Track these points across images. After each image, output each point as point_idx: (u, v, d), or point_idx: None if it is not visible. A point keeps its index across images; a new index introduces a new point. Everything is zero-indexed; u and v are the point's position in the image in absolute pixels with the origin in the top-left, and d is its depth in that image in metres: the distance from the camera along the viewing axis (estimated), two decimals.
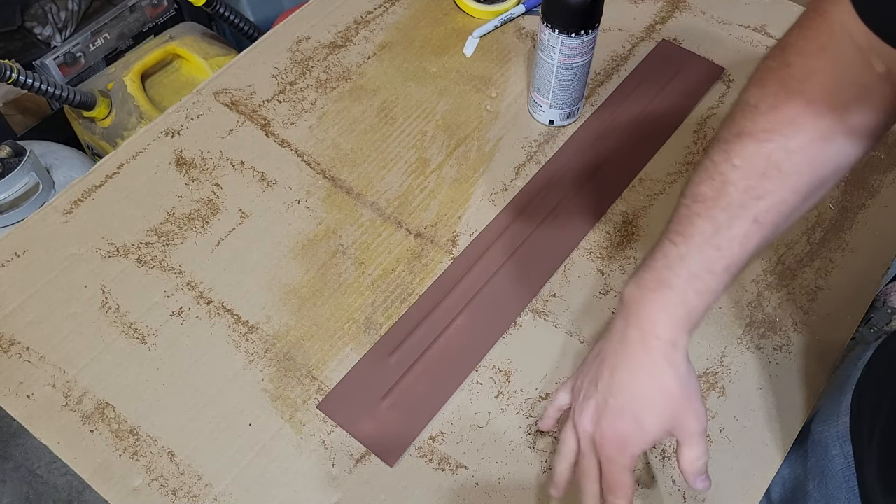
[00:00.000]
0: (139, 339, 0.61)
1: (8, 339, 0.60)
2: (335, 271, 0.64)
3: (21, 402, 0.58)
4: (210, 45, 1.24)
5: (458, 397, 0.59)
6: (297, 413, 0.57)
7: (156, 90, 1.22)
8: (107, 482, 0.54)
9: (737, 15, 0.83)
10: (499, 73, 0.78)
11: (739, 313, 0.63)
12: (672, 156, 0.72)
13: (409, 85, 0.77)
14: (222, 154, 0.71)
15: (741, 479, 0.55)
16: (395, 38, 0.81)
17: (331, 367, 0.60)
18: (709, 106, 0.76)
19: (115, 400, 0.58)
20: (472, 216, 0.68)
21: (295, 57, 0.79)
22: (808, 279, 0.65)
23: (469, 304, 0.63)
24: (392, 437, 0.56)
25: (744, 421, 0.58)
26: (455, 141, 0.73)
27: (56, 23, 1.22)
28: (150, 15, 1.30)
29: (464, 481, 0.55)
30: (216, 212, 0.68)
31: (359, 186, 0.70)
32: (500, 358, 0.60)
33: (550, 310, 0.63)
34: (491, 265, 0.65)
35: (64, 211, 0.67)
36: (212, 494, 0.54)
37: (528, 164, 0.71)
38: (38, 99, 1.23)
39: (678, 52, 0.79)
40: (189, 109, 0.74)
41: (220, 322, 0.62)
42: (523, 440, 0.57)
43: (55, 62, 1.20)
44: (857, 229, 0.67)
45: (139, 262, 0.65)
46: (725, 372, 0.60)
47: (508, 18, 0.82)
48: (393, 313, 0.62)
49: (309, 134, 0.73)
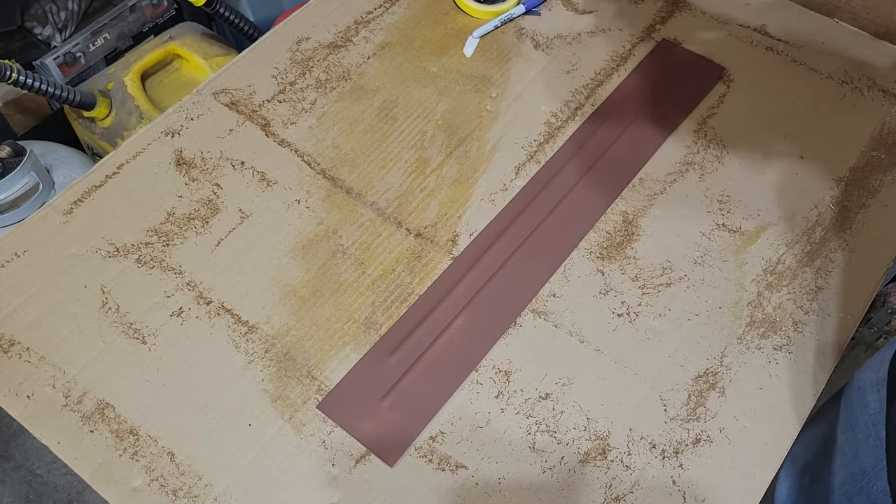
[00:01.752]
0: (139, 339, 0.61)
1: (8, 339, 0.61)
2: (335, 271, 0.64)
3: (21, 403, 0.58)
4: (210, 45, 1.24)
5: (458, 397, 0.59)
6: (297, 413, 0.57)
7: (156, 90, 1.21)
8: (107, 482, 0.54)
9: (737, 15, 0.83)
10: (499, 73, 0.78)
11: (739, 313, 0.63)
12: (672, 156, 0.72)
13: (409, 85, 0.77)
14: (222, 154, 0.71)
15: (741, 479, 0.55)
16: (395, 38, 0.81)
17: (331, 367, 0.60)
18: (709, 106, 0.76)
19: (115, 400, 0.58)
20: (472, 216, 0.68)
21: (295, 57, 0.79)
22: (808, 279, 0.65)
23: (469, 304, 0.63)
24: (392, 437, 0.56)
25: (744, 421, 0.58)
26: (455, 141, 0.73)
27: (56, 23, 1.22)
28: (150, 15, 1.30)
29: (464, 481, 0.55)
30: (216, 212, 0.68)
31: (359, 186, 0.70)
32: (500, 358, 0.60)
33: (550, 310, 0.63)
34: (491, 265, 0.65)
35: (64, 211, 0.67)
36: (212, 494, 0.54)
37: (528, 164, 0.71)
38: (38, 99, 1.23)
39: (678, 52, 0.79)
40: (189, 109, 0.74)
41: (220, 322, 0.62)
42: (523, 440, 0.57)
43: (55, 62, 1.20)
44: (857, 229, 0.67)
45: (139, 262, 0.65)
46: (725, 372, 0.60)
47: (508, 18, 0.82)
48: (393, 313, 0.62)
49: (309, 134, 0.73)
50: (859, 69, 0.78)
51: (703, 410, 0.58)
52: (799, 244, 0.67)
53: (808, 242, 0.67)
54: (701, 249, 0.66)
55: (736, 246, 0.66)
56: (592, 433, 0.57)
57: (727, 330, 0.62)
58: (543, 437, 0.57)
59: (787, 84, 0.77)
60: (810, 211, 0.69)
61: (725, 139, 0.73)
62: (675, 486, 0.55)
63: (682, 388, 0.59)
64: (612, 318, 0.62)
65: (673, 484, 0.55)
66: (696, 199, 0.69)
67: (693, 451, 0.56)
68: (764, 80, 0.77)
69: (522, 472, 0.55)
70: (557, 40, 0.81)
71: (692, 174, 0.71)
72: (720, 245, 0.66)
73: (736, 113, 0.75)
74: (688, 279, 0.64)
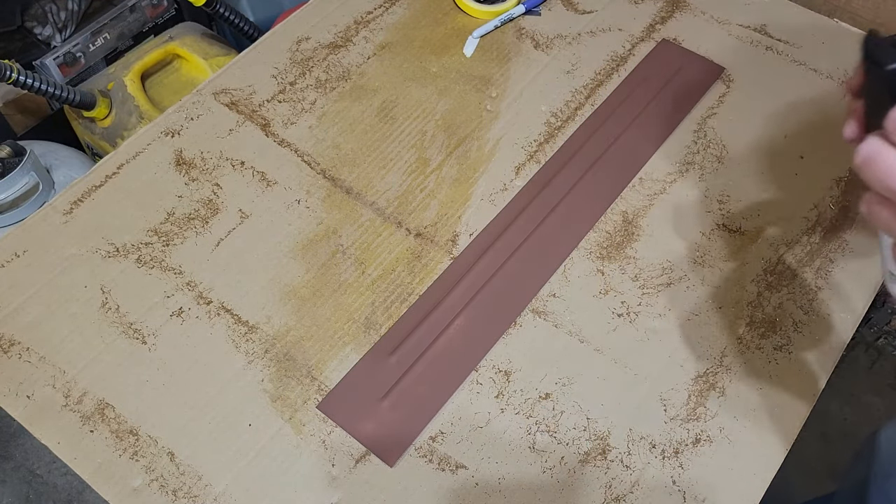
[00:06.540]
0: (139, 339, 0.61)
1: (8, 339, 0.61)
2: (335, 271, 0.64)
3: (21, 403, 0.58)
4: (210, 45, 1.24)
5: (458, 397, 0.59)
6: (297, 413, 0.57)
7: (156, 90, 1.21)
8: (107, 482, 0.54)
9: (737, 15, 0.83)
10: (499, 73, 0.78)
11: (739, 313, 0.63)
12: (672, 156, 0.72)
13: (409, 85, 0.77)
14: (222, 154, 0.71)
15: (741, 479, 0.55)
16: (395, 38, 0.81)
17: (331, 367, 0.60)
18: (709, 106, 0.76)
19: (115, 400, 0.58)
20: (472, 216, 0.68)
21: (295, 57, 0.79)
22: (808, 279, 0.65)
23: (469, 304, 0.63)
24: (392, 438, 0.56)
25: (744, 421, 0.58)
26: (455, 141, 0.73)
27: (56, 23, 1.22)
28: (150, 15, 1.30)
29: (464, 481, 0.55)
30: (216, 212, 0.68)
31: (359, 186, 0.70)
32: (500, 358, 0.60)
33: (550, 310, 0.63)
34: (491, 265, 0.65)
35: (64, 211, 0.67)
36: (212, 494, 0.54)
37: (528, 164, 0.71)
38: (38, 99, 1.23)
39: (678, 52, 0.79)
40: (189, 109, 0.74)
41: (220, 322, 0.62)
42: (523, 440, 0.57)
43: (55, 62, 1.20)
44: (858, 229, 0.67)
45: (139, 262, 0.65)
46: (725, 372, 0.60)
47: (508, 18, 0.82)
48: (393, 313, 0.62)
49: (309, 134, 0.73)
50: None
51: (703, 410, 0.58)
52: (799, 244, 0.67)
53: (808, 242, 0.67)
54: (701, 249, 0.66)
55: (736, 246, 0.66)
56: (592, 433, 0.57)
57: (727, 330, 0.62)
58: (543, 437, 0.57)
59: (787, 84, 0.77)
60: (810, 211, 0.69)
61: (725, 139, 0.73)
62: (675, 486, 0.55)
63: (682, 388, 0.59)
64: (612, 318, 0.62)
65: (673, 484, 0.55)
66: (696, 199, 0.69)
67: (693, 451, 0.56)
68: (764, 80, 0.77)
69: (522, 472, 0.55)
70: (557, 40, 0.81)
71: (692, 174, 0.71)
72: (720, 245, 0.66)
73: (736, 113, 0.75)
74: (688, 279, 0.64)
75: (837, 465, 1.10)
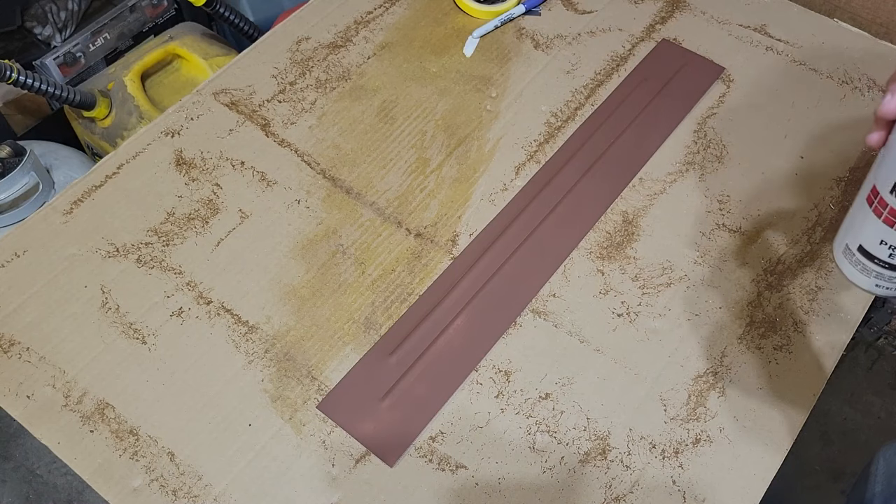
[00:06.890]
0: (139, 339, 0.61)
1: (8, 339, 0.61)
2: (335, 271, 0.64)
3: (21, 403, 0.58)
4: (210, 45, 1.23)
5: (458, 397, 0.59)
6: (297, 413, 0.57)
7: (156, 90, 1.21)
8: (107, 482, 0.54)
9: (737, 15, 0.83)
10: (499, 73, 0.78)
11: (739, 313, 0.63)
12: (672, 156, 0.72)
13: (409, 85, 0.77)
14: (222, 154, 0.71)
15: (741, 479, 0.55)
16: (395, 38, 0.81)
17: (331, 367, 0.60)
18: (709, 106, 0.76)
19: (115, 400, 0.58)
20: (472, 216, 0.68)
21: (295, 57, 0.79)
22: (808, 279, 0.65)
23: (469, 304, 0.63)
24: (392, 438, 0.56)
25: (744, 421, 0.58)
26: (455, 141, 0.73)
27: (56, 23, 1.22)
28: (150, 15, 1.30)
29: (464, 481, 0.55)
30: (216, 212, 0.68)
31: (359, 186, 0.70)
32: (500, 358, 0.60)
33: (550, 310, 0.63)
34: (491, 265, 0.65)
35: (64, 211, 0.67)
36: (212, 494, 0.54)
37: (528, 164, 0.71)
38: (38, 99, 1.23)
39: (678, 52, 0.79)
40: (189, 109, 0.74)
41: (220, 322, 0.62)
42: (523, 440, 0.57)
43: (55, 62, 1.20)
44: None
45: (139, 262, 0.65)
46: (725, 372, 0.60)
47: (508, 18, 0.82)
48: (393, 313, 0.62)
49: (309, 134, 0.73)
50: (859, 69, 0.78)
51: (703, 410, 0.58)
52: (799, 244, 0.67)
53: (808, 242, 0.67)
54: (701, 249, 0.66)
55: (736, 246, 0.66)
56: (592, 433, 0.57)
57: (727, 330, 0.62)
58: (543, 437, 0.57)
59: (787, 84, 0.77)
60: (810, 211, 0.69)
61: (725, 139, 0.73)
62: (675, 486, 0.55)
63: (682, 388, 0.59)
64: (612, 318, 0.62)
65: (673, 484, 0.55)
66: (696, 199, 0.69)
67: (693, 451, 0.56)
68: (764, 80, 0.77)
69: (522, 472, 0.55)
70: (557, 40, 0.81)
71: (692, 174, 0.71)
72: (720, 245, 0.66)
73: (736, 113, 0.75)
74: (688, 279, 0.64)
75: (837, 465, 1.10)
